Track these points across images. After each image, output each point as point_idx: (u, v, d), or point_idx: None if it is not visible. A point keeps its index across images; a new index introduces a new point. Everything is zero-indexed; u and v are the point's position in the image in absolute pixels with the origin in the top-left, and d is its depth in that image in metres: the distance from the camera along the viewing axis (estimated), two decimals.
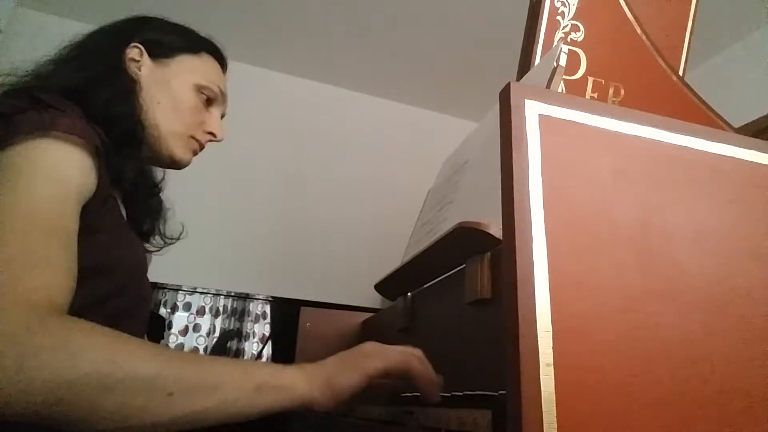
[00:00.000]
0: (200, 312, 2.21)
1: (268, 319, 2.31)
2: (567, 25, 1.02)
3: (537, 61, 0.99)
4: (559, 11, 1.02)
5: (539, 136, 0.47)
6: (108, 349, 0.48)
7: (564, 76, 0.98)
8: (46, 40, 0.80)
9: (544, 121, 0.48)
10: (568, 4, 1.02)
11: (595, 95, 1.01)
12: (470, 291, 0.68)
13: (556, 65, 0.75)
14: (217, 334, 2.21)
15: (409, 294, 0.96)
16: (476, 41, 2.32)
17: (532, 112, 0.48)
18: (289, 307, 1.78)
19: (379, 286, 1.08)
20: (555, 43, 1.00)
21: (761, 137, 0.56)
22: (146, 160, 0.81)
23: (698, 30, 1.15)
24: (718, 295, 0.47)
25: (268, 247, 2.38)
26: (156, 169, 0.88)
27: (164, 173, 0.90)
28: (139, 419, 0.48)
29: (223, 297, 2.27)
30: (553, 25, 1.01)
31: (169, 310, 2.18)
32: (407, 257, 0.99)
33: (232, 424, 0.53)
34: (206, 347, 2.17)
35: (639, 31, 1.05)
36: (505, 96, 0.48)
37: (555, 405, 0.38)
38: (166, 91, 0.81)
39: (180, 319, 2.18)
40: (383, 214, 2.50)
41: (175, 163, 0.85)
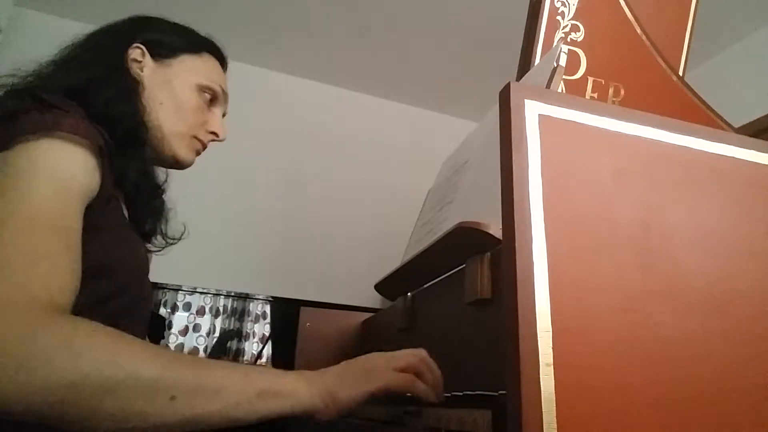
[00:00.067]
0: (200, 312, 2.21)
1: (268, 319, 2.31)
2: (567, 25, 1.02)
3: (537, 61, 0.99)
4: (559, 11, 1.02)
5: (539, 136, 0.47)
6: (110, 350, 0.48)
7: (564, 76, 0.98)
8: (46, 40, 0.80)
9: (544, 121, 0.48)
10: (568, 4, 1.02)
11: (595, 95, 1.01)
12: (470, 291, 0.68)
13: (556, 65, 0.75)
14: (217, 334, 2.21)
15: (409, 294, 0.96)
16: (476, 41, 2.32)
17: (532, 112, 0.48)
18: (289, 307, 1.78)
19: (379, 286, 1.08)
20: (555, 43, 1.00)
21: (761, 137, 0.56)
22: (149, 161, 0.81)
23: (698, 30, 1.15)
24: (718, 295, 0.47)
25: (268, 247, 2.38)
26: (159, 170, 0.88)
27: (167, 174, 0.90)
28: (141, 421, 0.48)
29: (223, 297, 2.27)
30: (553, 25, 1.01)
31: (169, 310, 2.18)
32: (407, 257, 0.99)
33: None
34: (206, 347, 2.17)
35: (639, 31, 1.05)
36: (505, 96, 0.48)
37: (555, 405, 0.38)
38: (168, 92, 0.81)
39: (180, 319, 2.18)
40: (383, 214, 2.50)
41: (178, 164, 0.85)
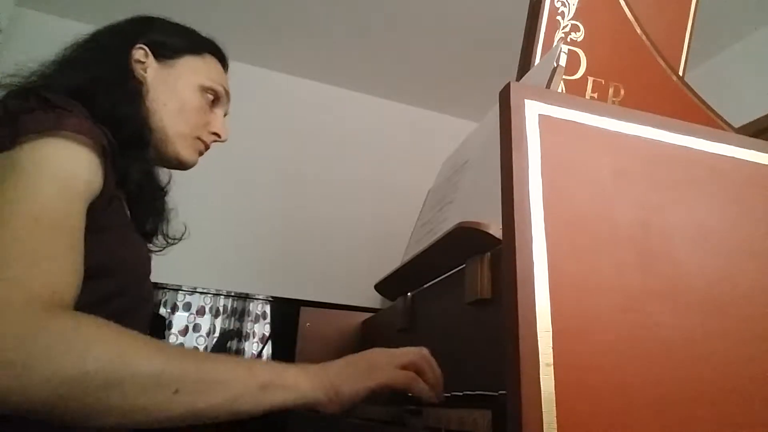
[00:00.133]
0: (200, 312, 2.21)
1: (268, 319, 2.31)
2: (567, 25, 1.02)
3: (537, 61, 0.99)
4: (559, 11, 1.02)
5: (539, 136, 0.47)
6: (114, 346, 0.49)
7: (564, 76, 0.98)
8: (47, 40, 0.80)
9: (544, 121, 0.48)
10: (568, 4, 1.02)
11: (595, 95, 1.01)
12: (470, 291, 0.68)
13: (556, 65, 0.75)
14: (217, 334, 2.21)
15: (409, 294, 0.96)
16: (476, 41, 2.32)
17: (532, 112, 0.48)
18: (289, 307, 1.78)
19: (379, 286, 1.08)
20: (555, 43, 1.00)
21: (761, 137, 0.56)
22: (152, 162, 0.81)
23: (698, 30, 1.15)
24: (718, 295, 0.47)
25: (268, 247, 2.37)
26: (162, 171, 0.88)
27: (170, 176, 0.90)
28: (145, 415, 0.48)
29: (223, 297, 2.26)
30: (553, 25, 1.01)
31: (169, 310, 2.18)
32: (407, 257, 0.99)
33: (234, 421, 0.53)
34: (206, 347, 2.17)
35: (639, 31, 1.05)
36: (505, 96, 0.48)
37: (555, 405, 0.38)
38: (171, 93, 0.81)
39: (180, 319, 2.18)
40: (383, 214, 2.50)
41: (181, 165, 0.85)
